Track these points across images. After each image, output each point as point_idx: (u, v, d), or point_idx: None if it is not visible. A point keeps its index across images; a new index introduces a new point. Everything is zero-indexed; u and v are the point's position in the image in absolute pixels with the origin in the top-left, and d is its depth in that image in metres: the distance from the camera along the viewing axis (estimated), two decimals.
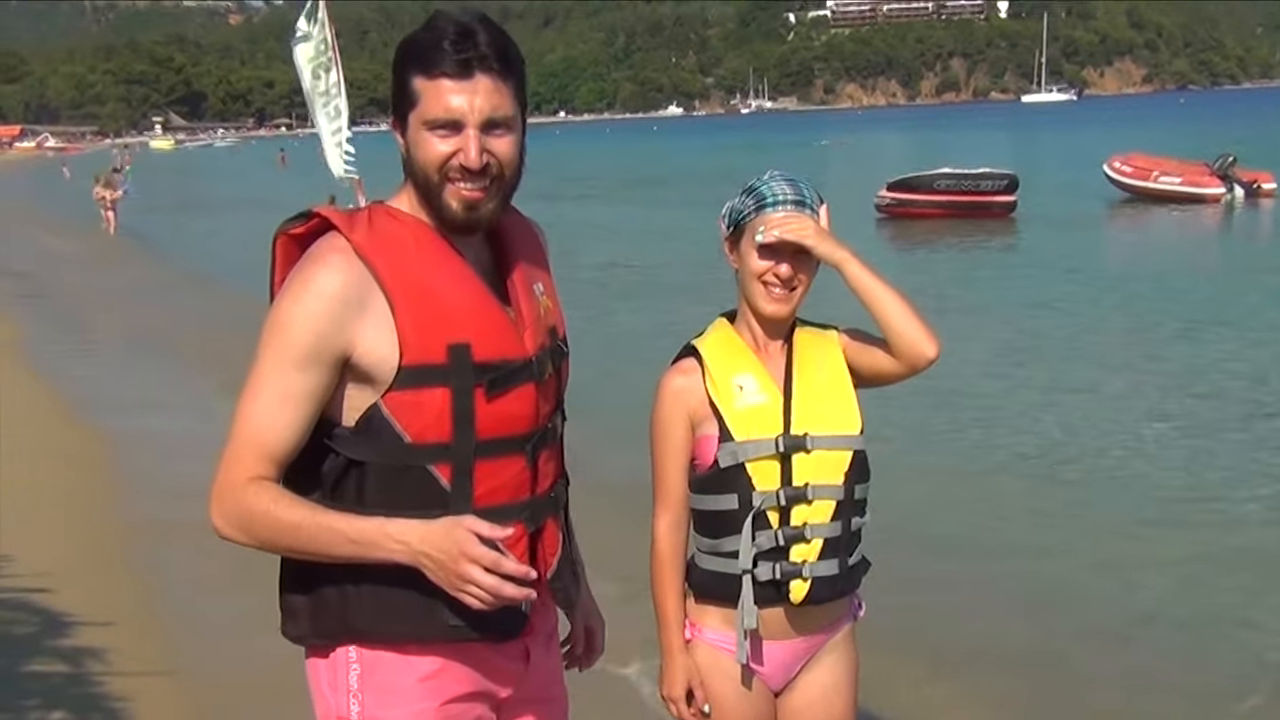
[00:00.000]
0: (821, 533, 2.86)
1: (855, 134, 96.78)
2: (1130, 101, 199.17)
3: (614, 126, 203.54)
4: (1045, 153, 53.28)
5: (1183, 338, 13.55)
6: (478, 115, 2.25)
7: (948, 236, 23.94)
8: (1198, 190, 29.85)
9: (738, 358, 2.93)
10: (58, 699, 5.21)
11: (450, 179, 2.28)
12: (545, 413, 2.42)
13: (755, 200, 2.90)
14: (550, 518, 2.48)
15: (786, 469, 2.83)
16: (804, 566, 2.85)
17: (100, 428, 10.63)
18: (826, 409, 2.89)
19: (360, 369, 2.24)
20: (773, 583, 2.85)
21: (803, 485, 2.83)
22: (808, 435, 2.84)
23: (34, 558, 6.87)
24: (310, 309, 2.22)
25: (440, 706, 2.37)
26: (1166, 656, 5.88)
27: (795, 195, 2.89)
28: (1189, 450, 9.30)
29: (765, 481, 2.83)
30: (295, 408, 2.24)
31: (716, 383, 2.88)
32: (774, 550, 2.85)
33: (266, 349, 2.25)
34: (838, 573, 2.89)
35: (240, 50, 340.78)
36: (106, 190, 33.93)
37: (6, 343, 15.18)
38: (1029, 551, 7.30)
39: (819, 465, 2.84)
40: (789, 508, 2.84)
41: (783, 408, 2.86)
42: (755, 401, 2.87)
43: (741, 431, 2.84)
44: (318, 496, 2.29)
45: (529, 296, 2.43)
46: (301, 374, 2.22)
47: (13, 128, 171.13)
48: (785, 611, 2.90)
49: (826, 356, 2.95)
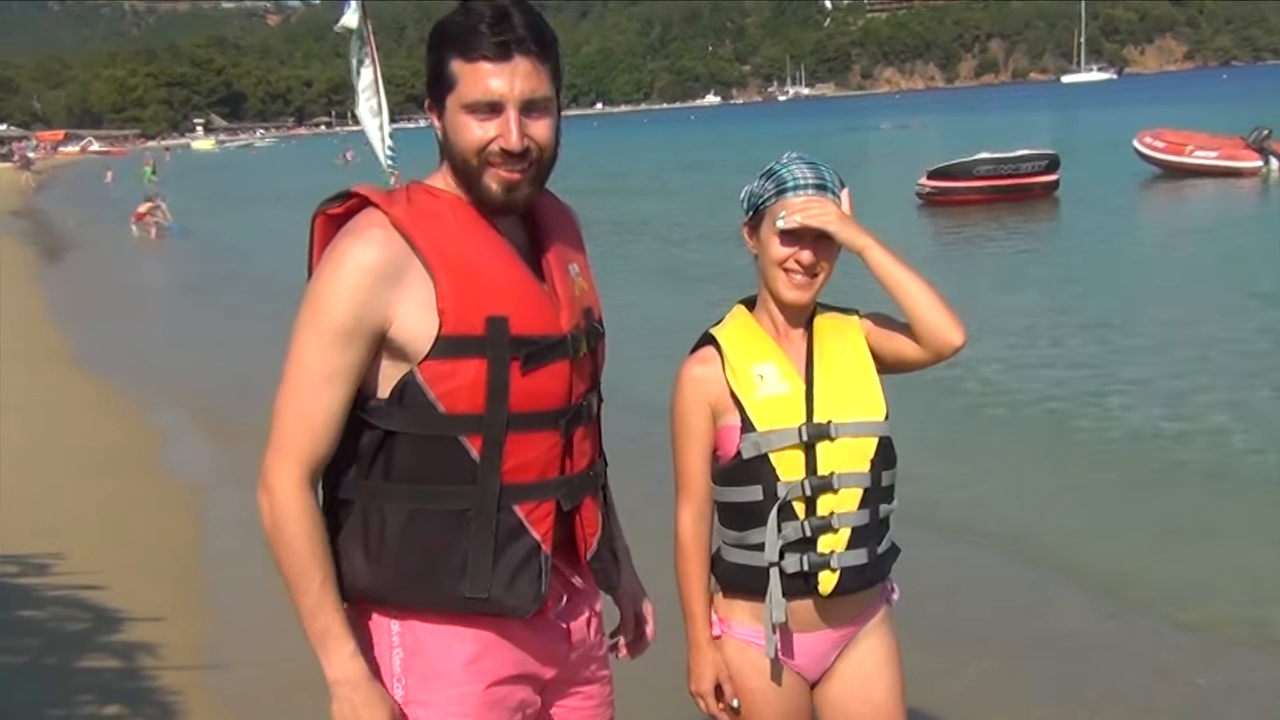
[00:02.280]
0: (849, 521, 2.80)
1: (917, 117, 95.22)
2: (1172, 79, 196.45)
3: (651, 117, 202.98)
4: (1085, 132, 52.65)
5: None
6: (517, 97, 2.27)
7: (988, 223, 23.74)
8: (1234, 164, 29.48)
9: (758, 346, 2.87)
10: (110, 694, 5.28)
11: (490, 163, 2.30)
12: (580, 391, 2.43)
13: (775, 184, 2.84)
14: (589, 496, 2.49)
15: (811, 458, 2.78)
16: (832, 557, 2.79)
17: (149, 424, 10.75)
18: (849, 395, 2.82)
19: (397, 342, 2.26)
20: (800, 574, 2.80)
21: (828, 474, 2.77)
22: (831, 423, 2.77)
23: (85, 556, 6.96)
24: (348, 283, 2.23)
25: (485, 689, 2.39)
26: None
27: (816, 179, 2.82)
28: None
29: (790, 471, 2.78)
30: (338, 385, 2.26)
31: (736, 372, 2.83)
32: (801, 541, 2.79)
33: (305, 326, 2.27)
34: (866, 562, 2.83)
35: (279, 50, 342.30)
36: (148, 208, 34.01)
37: (57, 350, 15.30)
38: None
39: (844, 453, 2.78)
40: (815, 497, 2.78)
41: (805, 396, 2.81)
42: (777, 390, 2.81)
43: (764, 421, 2.79)
44: (352, 474, 2.33)
45: (564, 276, 2.44)
46: (342, 350, 2.24)
47: (57, 132, 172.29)
48: (814, 603, 2.86)
49: (848, 342, 2.89)
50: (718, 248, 20.53)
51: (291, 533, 2.26)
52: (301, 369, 2.26)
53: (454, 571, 2.31)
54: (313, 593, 2.28)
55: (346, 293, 2.23)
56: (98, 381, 12.81)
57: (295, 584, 2.28)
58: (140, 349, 15.18)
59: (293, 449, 2.27)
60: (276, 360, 2.30)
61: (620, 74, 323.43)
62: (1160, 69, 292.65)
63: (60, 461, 9.44)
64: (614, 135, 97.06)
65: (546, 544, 2.37)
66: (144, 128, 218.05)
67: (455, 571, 2.31)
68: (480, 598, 2.32)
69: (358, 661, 2.31)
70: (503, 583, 2.33)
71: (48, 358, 14.31)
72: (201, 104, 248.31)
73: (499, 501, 2.31)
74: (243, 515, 7.97)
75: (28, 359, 14.12)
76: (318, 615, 2.29)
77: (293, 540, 2.27)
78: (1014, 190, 26.81)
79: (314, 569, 2.27)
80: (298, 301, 2.28)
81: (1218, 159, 29.85)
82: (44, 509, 8.06)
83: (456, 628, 2.36)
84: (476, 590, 2.31)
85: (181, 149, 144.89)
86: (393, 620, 2.38)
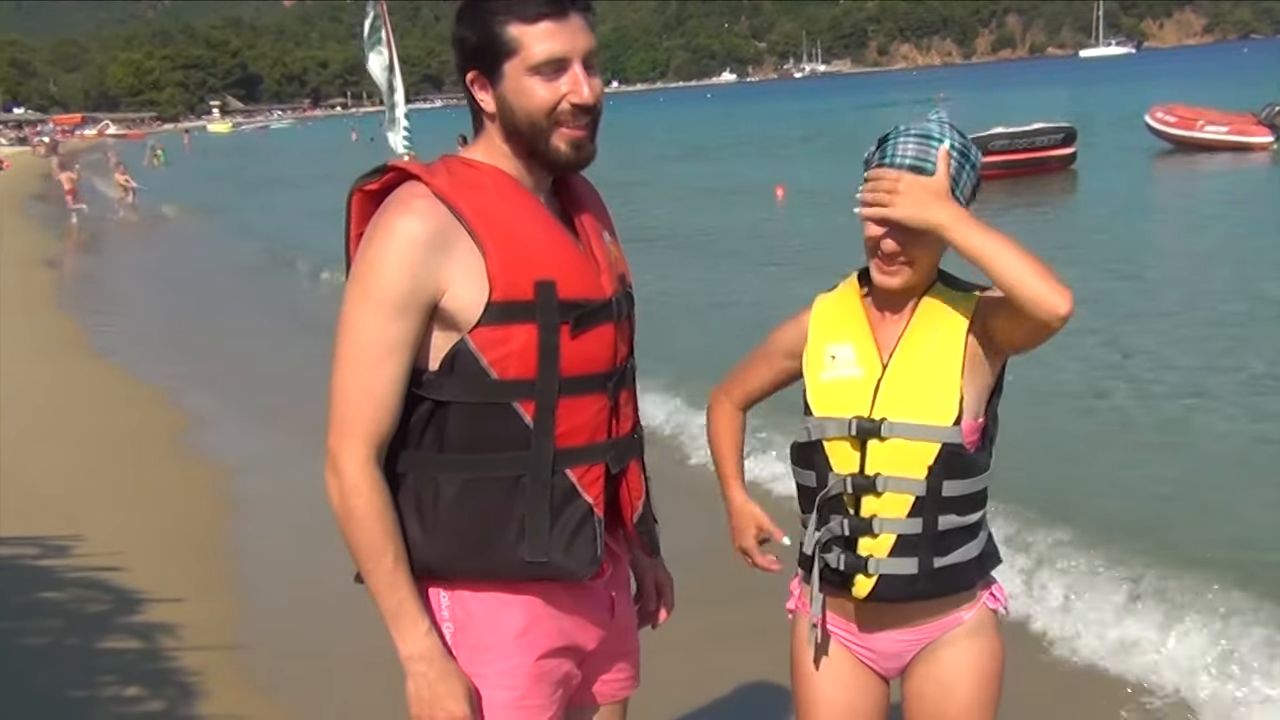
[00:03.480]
0: (894, 528, 2.62)
1: (955, 90, 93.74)
2: (1191, 52, 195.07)
3: (667, 96, 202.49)
4: (1101, 107, 52.28)
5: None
6: (581, 52, 2.31)
7: (1005, 195, 23.67)
8: (1245, 139, 29.44)
9: (845, 323, 2.72)
10: (131, 674, 5.31)
11: (560, 122, 2.32)
12: (623, 354, 2.46)
13: (880, 155, 2.62)
14: (634, 459, 2.50)
15: (862, 454, 2.62)
16: (869, 562, 2.64)
17: (171, 407, 10.79)
18: (917, 393, 2.60)
19: (448, 311, 2.27)
20: (838, 572, 2.68)
21: (873, 474, 2.61)
22: (885, 420, 2.59)
23: (106, 537, 6.99)
24: (399, 255, 2.24)
25: (535, 662, 2.41)
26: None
27: (916, 158, 2.56)
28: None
29: (843, 464, 2.64)
30: (397, 358, 2.27)
31: (811, 349, 2.74)
32: (842, 539, 2.67)
33: (358, 301, 2.27)
34: (916, 573, 2.62)
35: (294, 31, 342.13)
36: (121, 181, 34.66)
37: (71, 338, 15.36)
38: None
39: (894, 454, 2.59)
40: (858, 496, 2.63)
41: (874, 385, 2.63)
42: (844, 375, 2.67)
43: (820, 406, 2.68)
44: (404, 448, 2.33)
45: (600, 242, 2.47)
46: (398, 322, 2.25)
47: (74, 116, 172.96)
48: (854, 605, 2.73)
49: (946, 330, 2.63)
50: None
51: (362, 511, 2.26)
52: (359, 345, 2.27)
53: (511, 538, 2.32)
54: (385, 570, 2.28)
55: (398, 265, 2.23)
56: (117, 368, 12.85)
57: (367, 563, 2.29)
58: (157, 332, 15.25)
59: (357, 426, 2.27)
60: (289, 344, 2.30)
61: (636, 53, 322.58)
62: (1179, 43, 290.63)
63: (81, 445, 9.48)
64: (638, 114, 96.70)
65: (599, 507, 2.39)
66: (160, 110, 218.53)
67: (513, 538, 2.32)
68: (540, 561, 2.33)
69: (432, 638, 2.32)
70: (560, 546, 2.34)
71: (67, 344, 14.37)
72: (217, 86, 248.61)
73: (553, 466, 2.33)
74: (264, 496, 8.04)
75: (49, 345, 14.20)
76: (391, 592, 2.29)
77: (363, 519, 2.27)
78: (1030, 164, 26.71)
79: (386, 546, 2.28)
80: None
81: (1228, 134, 29.81)
82: (64, 492, 8.09)
83: (506, 596, 2.37)
84: (535, 554, 2.33)
85: (198, 131, 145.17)
86: (443, 592, 2.38)
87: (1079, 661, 5.21)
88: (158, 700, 5.05)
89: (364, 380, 2.26)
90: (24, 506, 7.53)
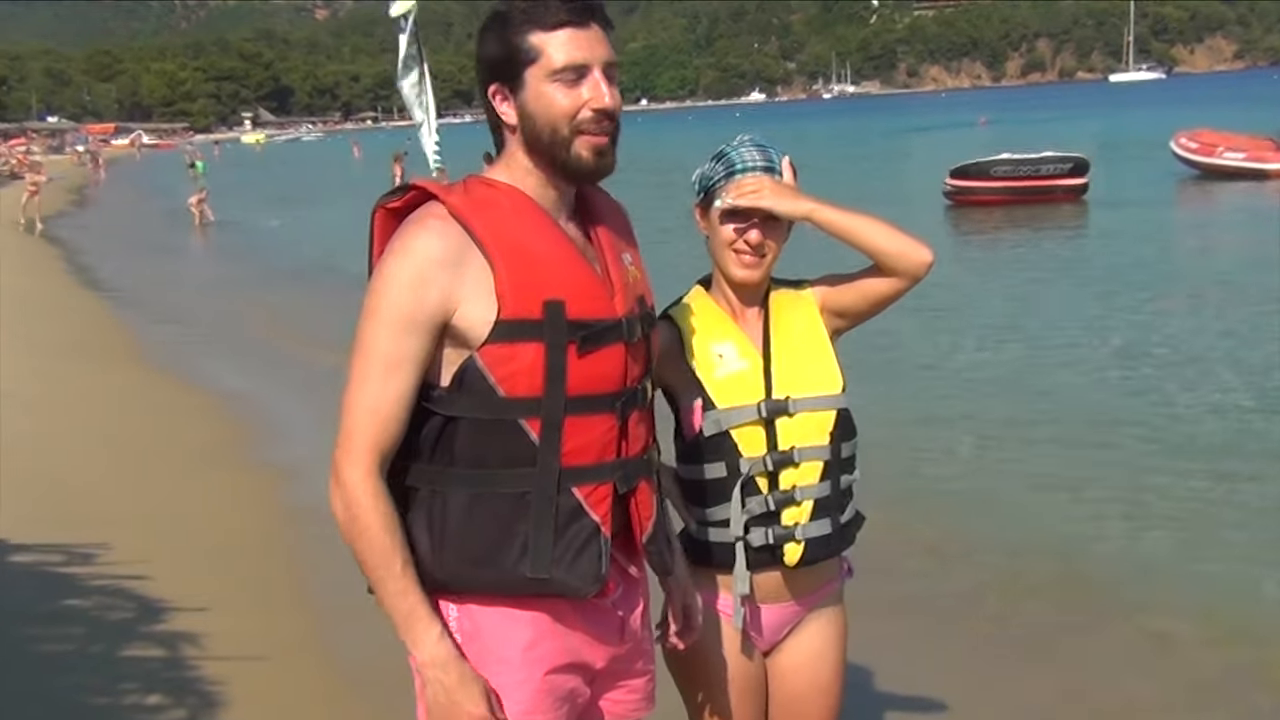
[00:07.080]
0: (811, 494, 2.89)
1: (1002, 113, 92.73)
2: (1222, 79, 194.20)
3: (696, 114, 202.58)
4: (1127, 132, 51.85)
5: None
6: (601, 60, 2.35)
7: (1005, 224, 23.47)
8: (1261, 165, 28.99)
9: (716, 325, 2.96)
10: (154, 683, 5.32)
11: (581, 129, 2.35)
12: (635, 375, 2.47)
13: (725, 167, 2.93)
14: (643, 480, 2.51)
15: (771, 434, 2.87)
16: (796, 529, 2.89)
17: (199, 415, 10.85)
18: (806, 371, 2.92)
19: (459, 328, 2.30)
20: (767, 547, 2.89)
21: (789, 449, 2.87)
22: (790, 398, 2.87)
23: (130, 546, 7.02)
24: (412, 273, 2.28)
25: (543, 678, 2.42)
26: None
27: (765, 161, 2.92)
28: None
29: (751, 448, 2.87)
30: (405, 373, 2.30)
31: (695, 352, 2.91)
32: (765, 515, 2.88)
33: (371, 316, 2.32)
34: (830, 531, 2.93)
35: (326, 45, 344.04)
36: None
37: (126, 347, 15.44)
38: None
39: (803, 427, 2.88)
40: (776, 472, 2.87)
41: (763, 373, 2.90)
42: (736, 368, 2.90)
43: (724, 399, 2.87)
44: (415, 463, 2.36)
45: (618, 262, 2.49)
46: (407, 338, 2.29)
47: (108, 125, 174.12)
48: (781, 575, 2.94)
49: (803, 317, 2.99)
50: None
51: (366, 521, 2.29)
52: (368, 359, 2.31)
53: (515, 553, 2.34)
54: (394, 578, 2.31)
55: (410, 282, 2.28)
56: (160, 375, 12.89)
57: (376, 572, 2.31)
58: (199, 343, 15.32)
59: (361, 439, 2.30)
60: (315, 353, 2.32)
61: (665, 70, 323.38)
62: (1210, 69, 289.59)
63: (99, 451, 9.52)
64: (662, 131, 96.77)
65: (606, 526, 2.41)
66: (193, 121, 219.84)
67: (516, 553, 2.34)
68: (542, 578, 2.35)
69: (445, 643, 2.34)
70: (564, 563, 2.36)
71: (111, 353, 14.43)
72: (249, 98, 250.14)
73: (558, 484, 2.35)
74: (291, 507, 8.02)
75: (95, 354, 14.28)
76: (402, 600, 2.31)
77: (367, 529, 2.29)
78: (1036, 192, 26.13)
79: (393, 554, 2.30)
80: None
81: (1245, 160, 29.39)
82: (90, 499, 8.13)
83: (514, 610, 2.39)
84: (538, 570, 2.34)
85: (231, 143, 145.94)
86: (452, 605, 2.40)
87: None
88: (179, 709, 5.06)
89: (370, 394, 2.30)
90: (48, 513, 7.57)
